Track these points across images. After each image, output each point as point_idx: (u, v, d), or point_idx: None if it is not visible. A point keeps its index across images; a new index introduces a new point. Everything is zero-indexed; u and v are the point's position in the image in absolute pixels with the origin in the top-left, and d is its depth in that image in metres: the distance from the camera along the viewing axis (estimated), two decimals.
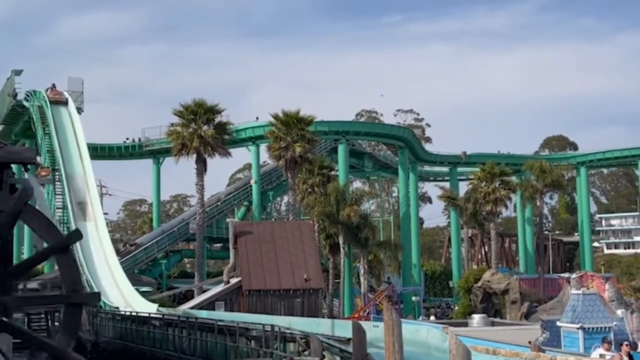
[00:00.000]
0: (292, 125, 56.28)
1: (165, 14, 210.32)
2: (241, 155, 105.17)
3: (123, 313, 36.17)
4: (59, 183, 50.34)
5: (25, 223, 13.45)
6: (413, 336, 21.01)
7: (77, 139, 54.63)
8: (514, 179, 73.22)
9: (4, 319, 12.84)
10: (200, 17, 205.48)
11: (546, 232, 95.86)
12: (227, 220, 58.31)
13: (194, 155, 54.47)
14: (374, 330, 19.88)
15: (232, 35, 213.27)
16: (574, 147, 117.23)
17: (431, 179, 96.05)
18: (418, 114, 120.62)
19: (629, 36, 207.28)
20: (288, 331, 21.93)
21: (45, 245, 13.46)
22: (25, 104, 60.36)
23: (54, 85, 59.88)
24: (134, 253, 59.73)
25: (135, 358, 31.75)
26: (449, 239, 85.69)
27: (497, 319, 45.60)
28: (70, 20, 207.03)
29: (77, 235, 15.05)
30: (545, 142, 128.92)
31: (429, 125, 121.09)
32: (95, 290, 41.92)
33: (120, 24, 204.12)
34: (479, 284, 55.84)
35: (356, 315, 51.80)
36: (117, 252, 59.53)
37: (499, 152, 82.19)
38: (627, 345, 19.63)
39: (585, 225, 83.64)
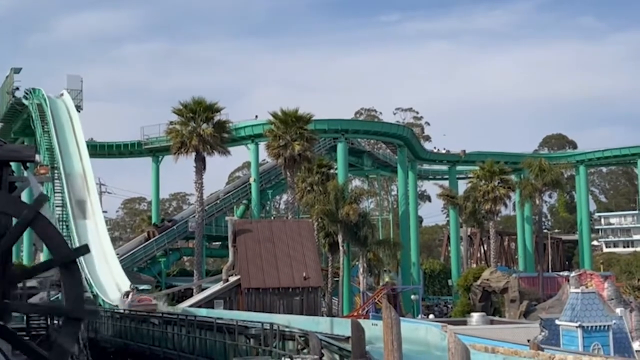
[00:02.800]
0: (291, 123, 56.24)
1: (164, 13, 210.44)
2: (240, 154, 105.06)
3: (122, 311, 36.16)
4: (58, 181, 50.32)
5: (35, 232, 13.58)
6: (412, 334, 21.06)
7: (76, 137, 54.60)
8: (513, 177, 73.24)
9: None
10: (199, 16, 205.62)
11: (545, 231, 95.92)
12: (226, 218, 58.23)
13: (193, 154, 54.48)
14: (373, 329, 19.93)
15: (232, 34, 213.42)
16: (573, 145, 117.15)
17: (430, 177, 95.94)
18: (417, 113, 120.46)
19: (629, 35, 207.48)
20: (287, 329, 21.94)
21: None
22: (25, 101, 60.33)
23: None
24: (169, 229, 61.43)
25: (134, 356, 31.76)
26: (448, 238, 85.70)
27: (496, 318, 45.58)
28: (69, 18, 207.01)
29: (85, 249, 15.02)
30: (544, 141, 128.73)
31: (428, 124, 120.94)
32: (95, 290, 42.05)
33: (120, 22, 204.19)
34: (478, 282, 55.85)
35: (355, 314, 51.83)
36: (156, 226, 61.03)
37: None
38: None
39: (585, 223, 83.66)
